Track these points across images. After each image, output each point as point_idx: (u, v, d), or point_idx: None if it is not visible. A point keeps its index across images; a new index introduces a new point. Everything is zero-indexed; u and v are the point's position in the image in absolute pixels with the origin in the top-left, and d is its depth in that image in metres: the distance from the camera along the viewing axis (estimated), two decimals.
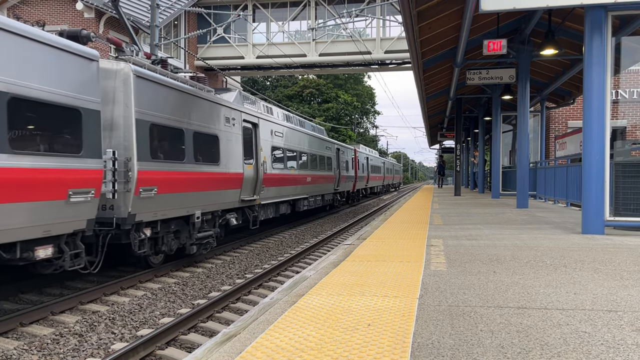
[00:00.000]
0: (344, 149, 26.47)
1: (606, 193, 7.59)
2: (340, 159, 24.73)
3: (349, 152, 27.92)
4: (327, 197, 22.12)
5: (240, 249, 13.01)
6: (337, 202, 24.82)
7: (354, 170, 29.01)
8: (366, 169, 34.82)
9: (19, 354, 5.59)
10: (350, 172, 27.91)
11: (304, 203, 18.62)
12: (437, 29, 11.99)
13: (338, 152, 24.38)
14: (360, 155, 32.59)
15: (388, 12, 28.65)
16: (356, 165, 29.82)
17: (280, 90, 57.47)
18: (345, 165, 26.36)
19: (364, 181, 34.32)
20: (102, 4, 22.03)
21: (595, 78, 7.49)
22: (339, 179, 24.18)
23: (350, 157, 28.20)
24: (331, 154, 22.70)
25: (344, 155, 26.30)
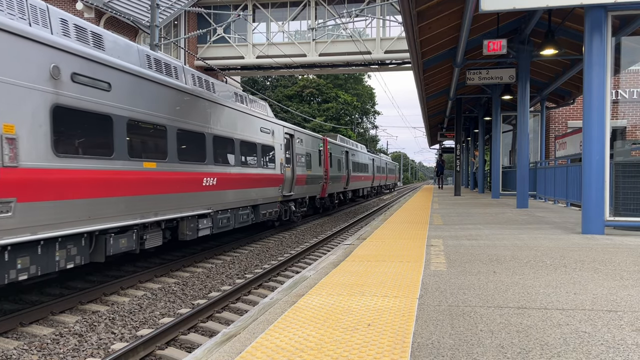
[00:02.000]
0: (303, 137, 18.76)
1: (606, 193, 7.59)
2: (294, 150, 17.30)
3: (314, 143, 20.48)
4: (268, 208, 14.55)
5: (240, 249, 13.01)
6: (291, 214, 17.12)
7: (323, 168, 21.64)
8: (344, 167, 27.15)
9: (19, 354, 5.59)
10: (317, 170, 20.57)
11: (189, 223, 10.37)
12: (437, 29, 11.99)
13: (290, 140, 17.06)
14: (335, 148, 24.67)
15: (388, 12, 28.66)
16: (327, 162, 22.29)
17: (280, 90, 57.47)
18: (307, 160, 19.06)
19: (342, 182, 26.26)
20: (102, 4, 22.03)
21: (595, 78, 7.49)
22: (292, 180, 16.87)
23: (318, 148, 21.14)
24: (273, 142, 15.15)
25: (303, 145, 18.81)
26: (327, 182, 22.26)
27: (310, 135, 19.97)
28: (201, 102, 10.60)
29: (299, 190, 17.75)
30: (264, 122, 14.20)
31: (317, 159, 20.62)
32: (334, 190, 24.39)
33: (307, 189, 18.91)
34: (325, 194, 22.26)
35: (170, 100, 9.40)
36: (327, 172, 22.31)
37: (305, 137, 19.22)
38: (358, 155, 32.22)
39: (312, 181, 19.45)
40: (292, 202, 17.13)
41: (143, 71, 8.57)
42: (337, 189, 25.18)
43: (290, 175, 16.53)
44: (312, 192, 19.84)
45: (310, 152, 19.47)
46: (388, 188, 56.35)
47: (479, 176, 26.45)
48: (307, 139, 19.43)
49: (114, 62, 7.81)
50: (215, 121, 11.22)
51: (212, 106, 11.11)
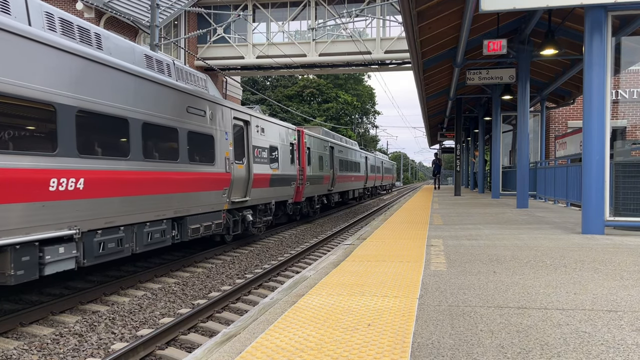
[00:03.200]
0: (265, 125, 14.33)
1: (606, 193, 7.59)
2: (250, 142, 12.95)
3: (283, 134, 16.03)
4: (204, 220, 10.45)
5: (240, 249, 13.01)
6: (248, 225, 13.05)
7: (296, 166, 17.41)
8: (329, 165, 23.03)
9: (19, 354, 5.59)
10: (288, 168, 16.30)
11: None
12: (437, 29, 11.99)
13: (245, 128, 12.78)
14: (315, 142, 20.61)
15: (388, 12, 28.66)
16: (303, 158, 18.25)
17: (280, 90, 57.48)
18: (271, 155, 14.68)
19: (325, 183, 22.26)
20: (102, 4, 22.03)
21: (595, 78, 7.49)
22: (248, 181, 12.71)
23: (289, 142, 16.71)
24: (213, 129, 10.91)
25: (266, 136, 14.29)
26: (303, 184, 18.02)
27: (276, 124, 15.41)
28: (41, 51, 6.42)
29: (259, 194, 13.46)
30: (192, 100, 9.99)
31: (287, 155, 16.23)
32: (315, 193, 20.25)
33: (273, 192, 14.72)
34: (302, 198, 17.99)
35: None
36: (303, 170, 18.11)
37: (269, 126, 14.64)
38: (347, 152, 27.95)
39: (281, 182, 15.32)
40: (249, 210, 12.95)
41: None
42: (319, 191, 21.08)
43: (244, 174, 12.31)
44: (281, 196, 15.65)
45: (276, 145, 15.15)
46: (385, 189, 52.37)
47: (479, 176, 26.45)
48: (272, 129, 14.94)
49: None
50: (84, 87, 7.14)
51: (76, 63, 7.02)
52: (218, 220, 11.05)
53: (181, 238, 9.68)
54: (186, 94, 9.82)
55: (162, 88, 8.98)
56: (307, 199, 19.36)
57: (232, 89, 35.40)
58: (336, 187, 24.70)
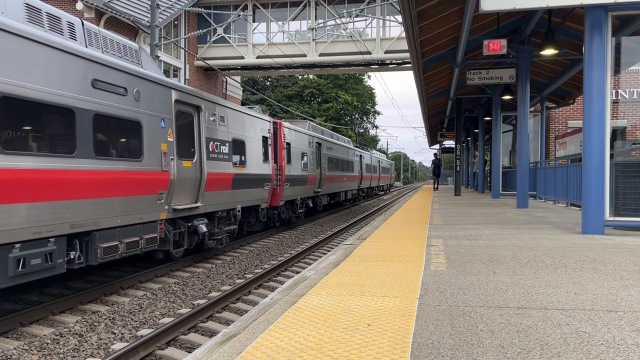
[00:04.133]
0: (224, 112, 11.44)
1: (606, 193, 7.59)
2: (202, 134, 10.32)
3: (251, 125, 13.20)
4: (127, 235, 8.02)
5: (240, 249, 13.01)
6: (204, 238, 10.51)
7: (271, 164, 14.63)
8: (315, 163, 20.23)
9: (19, 354, 5.59)
10: (259, 166, 13.53)
11: None
12: (437, 29, 11.99)
13: (196, 116, 10.21)
14: (297, 137, 17.81)
15: (388, 12, 28.67)
16: (281, 155, 15.75)
17: (280, 90, 57.50)
18: (234, 150, 11.87)
19: (310, 184, 19.49)
20: (102, 4, 22.04)
21: (595, 78, 7.49)
22: (200, 182, 10.19)
23: (261, 135, 13.88)
24: (138, 112, 8.34)
25: (226, 126, 11.54)
26: (281, 185, 15.48)
27: (242, 112, 12.57)
28: None
29: (217, 198, 10.84)
30: (103, 71, 7.35)
31: (259, 151, 13.51)
32: (297, 196, 17.53)
33: (238, 195, 12.01)
34: (279, 202, 15.43)
35: None
36: (281, 170, 15.56)
37: (233, 116, 11.82)
38: (337, 150, 25.08)
39: (249, 183, 12.70)
40: (203, 219, 10.39)
41: None
42: (303, 193, 18.38)
43: (192, 174, 9.81)
44: (251, 200, 12.98)
45: (243, 139, 12.38)
46: (382, 189, 49.01)
47: (479, 176, 26.46)
48: (237, 119, 12.06)
49: None
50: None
51: None
52: (151, 233, 8.47)
53: (87, 261, 7.16)
54: (91, 61, 7.18)
55: (46, 50, 6.41)
56: (287, 202, 16.84)
57: (232, 89, 35.41)
58: (324, 189, 21.86)
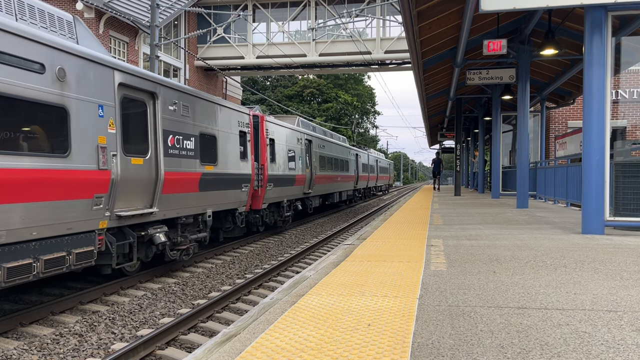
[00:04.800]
0: (185, 100, 9.62)
1: (606, 193, 7.59)
2: (158, 125, 8.74)
3: (224, 118, 11.42)
4: (61, 250, 6.54)
5: (240, 249, 13.01)
6: (164, 249, 9.09)
7: (249, 163, 12.81)
8: (304, 162, 18.58)
9: (19, 354, 5.59)
10: (234, 165, 11.86)
11: None
12: (437, 29, 11.99)
13: (150, 104, 8.64)
14: (283, 134, 16.18)
15: (388, 12, 28.68)
16: (263, 153, 14.20)
17: (280, 90, 57.52)
18: (200, 146, 10.17)
19: (299, 185, 17.73)
20: (102, 4, 22.04)
21: (595, 78, 7.49)
22: (155, 184, 8.64)
23: (237, 129, 12.15)
24: (69, 97, 6.68)
25: (191, 118, 9.85)
26: (263, 185, 13.92)
27: (212, 102, 10.74)
28: None
29: (180, 202, 9.32)
30: (4, 41, 5.77)
31: (235, 147, 11.84)
32: (283, 197, 15.85)
33: (207, 198, 10.40)
34: (261, 205, 13.86)
35: None
36: (263, 169, 14.00)
37: (200, 106, 10.13)
38: (331, 148, 23.44)
39: (222, 184, 11.05)
40: (161, 227, 8.79)
41: None
42: (290, 194, 16.67)
43: (145, 174, 8.28)
44: (225, 203, 11.36)
45: (214, 133, 10.67)
46: (381, 190, 46.72)
47: (479, 176, 26.46)
48: (205, 110, 10.35)
49: None
50: None
51: None
52: (85, 247, 6.91)
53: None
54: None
55: None
56: (271, 205, 15.18)
57: (232, 89, 35.41)
58: (315, 190, 20.15)
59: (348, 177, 27.53)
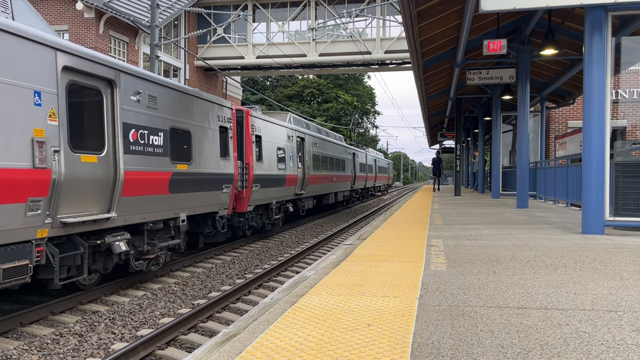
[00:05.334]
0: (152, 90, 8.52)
1: (606, 193, 7.59)
2: (118, 118, 7.58)
3: (201, 110, 10.32)
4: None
5: (240, 249, 13.01)
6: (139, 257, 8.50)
7: (231, 162, 11.67)
8: (296, 161, 17.38)
9: (19, 354, 5.59)
10: (213, 163, 10.80)
11: None
12: (437, 29, 11.99)
13: (108, 91, 7.51)
14: (272, 130, 15.05)
15: (388, 12, 28.69)
16: (248, 151, 13.02)
17: (280, 90, 57.54)
18: (170, 142, 9.04)
19: (290, 185, 16.64)
20: (102, 4, 22.04)
21: (595, 78, 7.49)
22: (115, 186, 7.50)
23: (217, 124, 11.02)
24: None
25: (159, 109, 8.71)
26: (248, 186, 12.75)
27: (182, 92, 9.51)
28: None
29: (144, 205, 8.19)
30: None
31: (214, 144, 10.72)
32: (272, 199, 14.81)
33: (180, 201, 9.28)
34: (246, 207, 12.79)
35: None
36: (248, 168, 12.84)
37: (168, 95, 8.92)
38: (326, 146, 22.31)
39: (198, 185, 9.94)
40: (122, 234, 7.76)
41: None
42: (280, 195, 15.61)
43: (100, 173, 7.20)
44: (202, 206, 10.24)
45: (188, 128, 9.61)
46: (379, 190, 45.25)
47: (479, 176, 26.46)
48: (174, 100, 9.16)
49: None
50: None
51: None
52: (17, 261, 5.88)
53: None
54: None
55: None
56: (258, 207, 14.06)
57: (232, 89, 35.42)
58: (309, 190, 18.96)
59: (344, 177, 26.52)
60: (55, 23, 22.71)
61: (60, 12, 22.88)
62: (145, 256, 8.52)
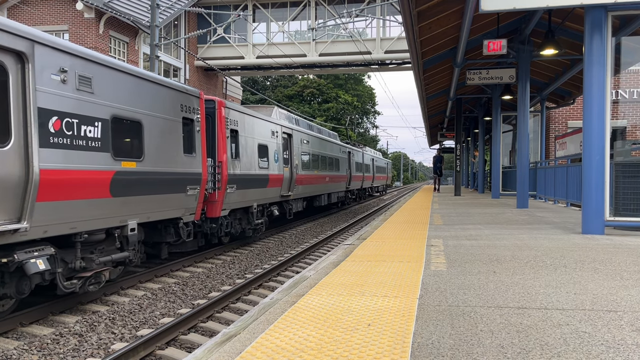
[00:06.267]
0: (95, 71, 7.07)
1: (606, 193, 7.59)
2: (27, 97, 5.98)
3: (155, 97, 8.61)
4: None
5: (240, 249, 13.01)
6: (72, 275, 6.98)
7: (199, 159, 10.14)
8: (280, 160, 15.53)
9: (19, 354, 5.59)
10: (171, 161, 9.10)
11: None
12: (437, 29, 11.99)
13: (18, 67, 5.95)
14: (253, 125, 13.48)
15: (388, 12, 28.69)
16: (221, 146, 11.43)
17: (280, 90, 57.54)
18: (127, 137, 7.84)
19: (275, 186, 15.00)
20: (102, 4, 22.04)
21: (595, 78, 7.49)
22: (27, 186, 5.92)
23: (182, 115, 9.51)
24: None
25: (95, 93, 7.07)
26: (220, 188, 11.19)
27: (129, 73, 7.90)
28: None
29: (73, 211, 6.71)
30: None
31: (174, 138, 9.16)
32: (253, 201, 13.24)
33: (127, 205, 7.76)
34: (219, 211, 11.19)
35: None
36: (221, 166, 11.27)
37: (107, 76, 7.39)
38: (317, 144, 20.78)
39: (151, 187, 8.34)
40: (40, 249, 6.35)
41: None
42: (263, 197, 14.03)
43: (4, 172, 5.70)
44: (159, 212, 8.73)
45: (136, 117, 8.03)
46: (377, 191, 43.32)
47: (479, 176, 26.45)
48: (116, 82, 7.57)
49: None
50: None
51: None
52: None
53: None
54: None
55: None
56: (236, 211, 12.47)
57: (232, 89, 35.41)
58: (297, 191, 17.46)
59: (339, 177, 24.91)
60: (55, 23, 22.72)
61: (60, 12, 22.88)
62: (79, 274, 7.01)
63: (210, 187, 10.97)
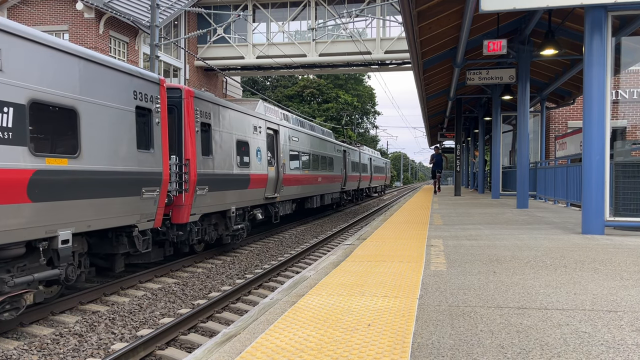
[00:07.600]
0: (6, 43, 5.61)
1: (606, 193, 7.59)
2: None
3: (115, 84, 7.60)
4: None
5: (240, 249, 13.01)
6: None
7: (159, 156, 8.78)
8: (267, 159, 14.35)
9: (19, 354, 5.59)
10: (128, 160, 7.93)
11: None
12: (437, 29, 11.99)
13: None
14: (223, 117, 11.57)
15: (388, 12, 28.69)
16: (189, 141, 9.96)
17: (280, 90, 57.54)
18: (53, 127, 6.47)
19: (259, 187, 13.59)
20: (102, 4, 22.05)
21: (595, 78, 7.49)
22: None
23: (135, 104, 8.09)
24: None
25: (7, 73, 5.63)
26: (188, 190, 9.86)
27: (48, 46, 6.32)
28: None
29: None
30: None
31: (123, 130, 7.84)
32: (230, 204, 11.78)
33: (54, 212, 6.38)
34: (188, 217, 9.90)
35: None
36: (189, 165, 9.94)
37: (24, 47, 5.95)
38: (307, 142, 19.26)
39: (90, 189, 6.99)
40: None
41: None
42: (242, 200, 12.57)
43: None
44: (105, 220, 7.45)
45: (69, 103, 6.64)
46: (375, 192, 41.51)
47: (479, 176, 26.43)
48: (28, 56, 5.99)
49: None
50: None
51: None
52: None
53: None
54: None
55: None
56: (210, 215, 11.09)
57: (232, 89, 35.40)
58: (285, 193, 16.01)
59: (333, 178, 23.45)
60: (55, 23, 22.72)
61: (60, 12, 22.88)
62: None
63: (175, 189, 9.62)
